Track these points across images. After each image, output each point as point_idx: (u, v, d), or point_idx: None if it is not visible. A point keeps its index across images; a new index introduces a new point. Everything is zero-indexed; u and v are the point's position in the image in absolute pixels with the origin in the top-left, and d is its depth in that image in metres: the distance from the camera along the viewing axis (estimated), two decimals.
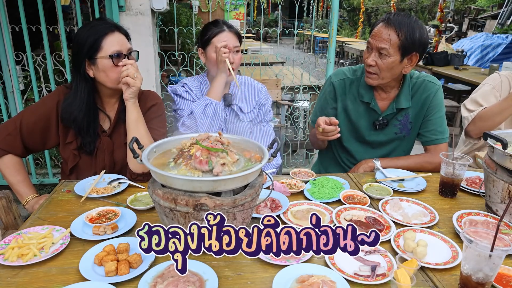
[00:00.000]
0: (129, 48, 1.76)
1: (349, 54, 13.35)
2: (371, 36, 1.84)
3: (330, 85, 2.10)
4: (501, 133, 1.47)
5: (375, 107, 2.00)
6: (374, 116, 2.03)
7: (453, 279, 1.13)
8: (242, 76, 2.31)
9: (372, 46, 1.83)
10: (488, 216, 1.45)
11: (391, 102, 1.99)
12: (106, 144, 1.83)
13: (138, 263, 1.13)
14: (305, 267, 1.13)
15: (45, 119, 1.79)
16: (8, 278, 1.10)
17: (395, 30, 1.76)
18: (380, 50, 1.80)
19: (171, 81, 4.07)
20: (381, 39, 1.79)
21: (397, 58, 1.80)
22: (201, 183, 1.10)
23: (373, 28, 1.86)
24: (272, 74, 4.35)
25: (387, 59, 1.80)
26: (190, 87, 2.10)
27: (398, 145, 2.11)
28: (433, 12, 17.39)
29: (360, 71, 2.07)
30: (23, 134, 1.77)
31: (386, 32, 1.78)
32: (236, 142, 1.40)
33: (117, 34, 1.72)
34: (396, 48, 1.78)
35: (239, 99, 2.16)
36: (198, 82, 2.15)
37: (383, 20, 1.83)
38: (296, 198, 1.62)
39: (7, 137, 1.77)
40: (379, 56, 1.81)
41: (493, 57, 9.06)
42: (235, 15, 18.61)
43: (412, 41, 1.77)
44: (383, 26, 1.80)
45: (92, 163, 1.84)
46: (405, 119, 2.03)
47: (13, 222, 1.75)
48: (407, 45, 1.78)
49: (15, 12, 3.18)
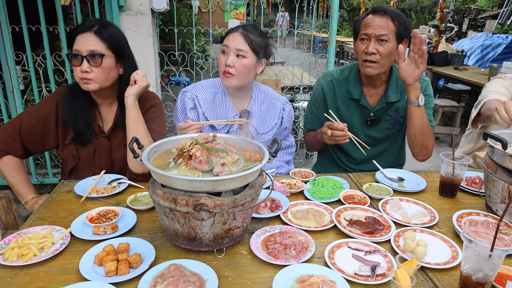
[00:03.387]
0: (91, 51, 1.65)
1: (349, 54, 13.35)
2: (365, 27, 1.87)
3: (319, 87, 2.13)
4: (501, 133, 1.47)
5: (365, 103, 2.03)
6: (365, 112, 2.06)
7: (453, 279, 1.13)
8: (264, 87, 2.09)
9: (369, 36, 1.85)
10: (488, 216, 1.45)
11: (380, 97, 2.03)
12: (104, 146, 1.83)
13: (138, 263, 1.13)
14: (305, 267, 1.13)
15: (44, 121, 1.80)
16: (8, 278, 1.10)
17: (391, 17, 1.84)
18: (381, 37, 1.83)
19: (171, 81, 4.06)
20: (380, 27, 1.83)
21: (394, 44, 1.86)
22: (201, 183, 1.10)
23: (360, 22, 1.91)
24: (272, 74, 4.35)
25: (388, 44, 1.84)
26: (200, 102, 1.93)
27: (393, 140, 2.14)
28: (433, 12, 17.37)
29: (348, 70, 2.11)
30: (22, 136, 1.78)
31: (383, 20, 1.84)
32: (236, 142, 1.40)
33: (87, 34, 1.67)
34: (394, 34, 1.84)
35: (256, 118, 1.99)
36: (213, 93, 1.97)
37: (371, 12, 1.89)
38: (296, 198, 1.62)
39: (6, 138, 1.77)
40: (379, 43, 1.85)
41: (493, 57, 9.05)
42: (235, 15, 18.62)
43: (405, 26, 1.86)
44: (378, 16, 1.85)
45: (90, 164, 1.84)
46: (396, 114, 2.06)
47: (13, 222, 1.76)
48: (402, 32, 1.86)
49: (15, 12, 3.18)
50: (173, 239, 1.23)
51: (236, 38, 1.82)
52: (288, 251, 1.22)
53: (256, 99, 2.01)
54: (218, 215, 1.13)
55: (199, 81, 2.03)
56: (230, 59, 1.82)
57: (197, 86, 1.99)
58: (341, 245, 1.25)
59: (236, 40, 1.82)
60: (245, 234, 1.30)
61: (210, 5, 15.27)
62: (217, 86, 1.99)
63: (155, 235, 1.32)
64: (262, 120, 2.02)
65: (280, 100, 2.10)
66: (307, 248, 1.23)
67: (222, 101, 1.97)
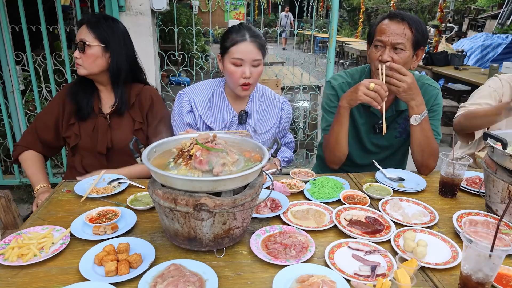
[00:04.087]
0: (80, 39, 1.84)
1: (349, 54, 13.35)
2: (381, 34, 1.79)
3: (332, 89, 2.02)
4: (501, 133, 1.47)
5: (375, 110, 1.95)
6: (374, 119, 2.00)
7: (453, 279, 1.13)
8: (262, 87, 2.09)
9: (385, 43, 1.77)
10: (488, 216, 1.45)
11: (390, 104, 1.97)
12: (102, 125, 1.94)
13: (138, 263, 1.13)
14: (305, 267, 1.13)
15: (56, 115, 1.97)
16: (8, 278, 1.10)
17: (408, 25, 1.75)
18: (396, 46, 1.75)
19: (171, 81, 4.06)
20: (396, 35, 1.75)
21: (411, 53, 1.79)
22: (201, 183, 1.10)
23: (376, 27, 1.83)
24: (272, 74, 4.34)
25: (404, 53, 1.77)
26: (197, 104, 1.92)
27: (398, 149, 2.09)
28: (433, 12, 17.38)
29: (358, 74, 2.03)
30: (38, 132, 1.98)
31: (400, 27, 1.75)
32: (236, 142, 1.40)
33: (83, 26, 1.86)
34: (410, 42, 1.76)
35: (254, 118, 1.99)
36: (211, 94, 1.96)
37: (388, 17, 1.80)
38: (296, 198, 1.62)
39: (26, 136, 2.01)
40: (394, 51, 1.77)
41: (493, 57, 9.06)
42: (235, 15, 18.62)
43: (422, 34, 1.78)
44: (395, 22, 1.77)
45: (91, 142, 1.94)
46: (404, 122, 2.00)
47: (13, 221, 1.76)
48: (419, 39, 1.77)
49: (15, 12, 3.18)
50: (173, 239, 1.23)
51: (249, 49, 1.78)
52: (288, 251, 1.22)
53: (254, 99, 2.00)
54: (218, 215, 1.13)
55: (197, 83, 2.01)
56: (248, 70, 1.79)
57: (194, 88, 1.97)
58: (341, 245, 1.25)
59: (250, 51, 1.78)
60: (245, 234, 1.30)
61: (210, 5, 15.26)
62: (215, 88, 1.98)
63: (155, 235, 1.32)
64: (260, 120, 2.01)
65: (279, 100, 2.08)
66: (307, 248, 1.23)
67: (220, 102, 1.96)
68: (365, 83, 1.69)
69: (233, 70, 1.80)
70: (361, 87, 1.69)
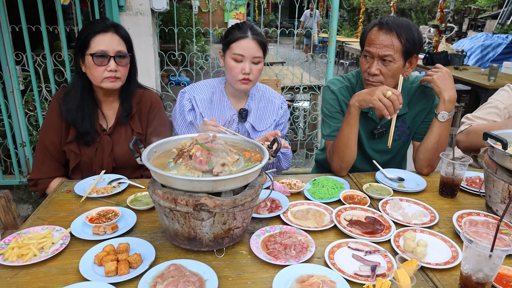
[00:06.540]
0: (118, 51, 1.73)
1: (349, 54, 13.35)
2: (369, 45, 1.77)
3: (332, 93, 1.99)
4: (501, 133, 1.47)
5: (373, 115, 1.95)
6: (372, 125, 1.98)
7: (453, 279, 1.13)
8: (262, 85, 2.11)
9: (373, 55, 1.75)
10: (488, 216, 1.45)
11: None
12: (106, 143, 1.85)
13: (138, 263, 1.13)
14: (305, 267, 1.13)
15: (57, 128, 1.83)
16: (8, 278, 1.10)
17: (396, 35, 1.71)
18: (384, 57, 1.73)
19: (171, 81, 4.06)
20: (383, 46, 1.72)
21: (401, 63, 1.75)
22: (201, 183, 1.10)
23: (366, 35, 1.80)
24: (272, 74, 4.34)
25: (392, 65, 1.74)
26: (198, 102, 1.94)
27: (397, 152, 2.08)
28: (433, 12, 17.36)
29: (354, 79, 2.01)
30: (51, 153, 1.83)
31: (387, 38, 1.72)
32: (236, 142, 1.40)
33: (109, 34, 1.72)
34: (400, 53, 1.73)
35: (254, 115, 2.00)
36: (211, 93, 1.97)
37: (377, 26, 1.76)
38: (296, 198, 1.62)
39: (42, 166, 1.83)
40: (383, 63, 1.75)
41: (493, 57, 9.05)
42: (235, 15, 18.62)
43: (413, 42, 1.74)
44: (382, 33, 1.73)
45: (92, 162, 1.85)
46: (402, 125, 1.99)
47: (12, 221, 1.76)
48: (409, 48, 1.73)
49: (15, 12, 3.18)
50: (173, 239, 1.23)
51: (250, 46, 1.80)
52: (288, 251, 1.22)
53: (253, 97, 2.02)
54: (218, 215, 1.13)
55: (198, 82, 2.03)
56: (248, 66, 1.81)
57: (195, 87, 1.99)
58: (341, 245, 1.25)
59: (251, 48, 1.80)
60: (245, 234, 1.30)
61: (210, 5, 15.26)
62: (216, 86, 2.00)
63: (155, 235, 1.32)
64: (260, 117, 2.02)
65: (278, 98, 2.09)
66: (307, 248, 1.23)
67: (220, 100, 1.98)
68: (382, 89, 1.64)
69: (233, 66, 1.83)
70: (378, 91, 1.63)
